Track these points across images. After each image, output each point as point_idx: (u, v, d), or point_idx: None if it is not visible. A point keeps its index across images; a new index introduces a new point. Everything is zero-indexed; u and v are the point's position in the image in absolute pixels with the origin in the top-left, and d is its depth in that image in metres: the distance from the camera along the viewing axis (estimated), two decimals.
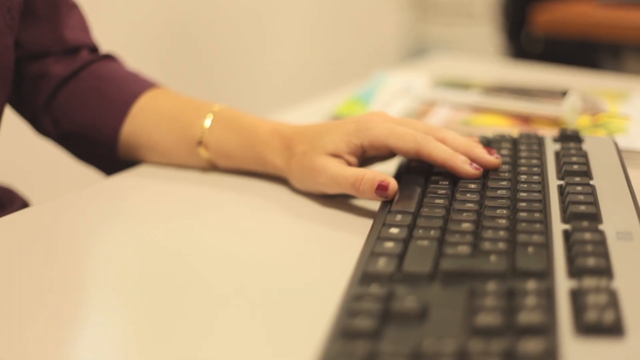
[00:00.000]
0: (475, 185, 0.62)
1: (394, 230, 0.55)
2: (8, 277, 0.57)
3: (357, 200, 0.69)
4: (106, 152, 0.79)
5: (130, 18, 1.90)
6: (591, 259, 0.48)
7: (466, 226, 0.55)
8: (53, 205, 0.71)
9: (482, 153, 0.65)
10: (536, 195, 0.59)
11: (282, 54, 2.41)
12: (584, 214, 0.55)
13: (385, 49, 2.92)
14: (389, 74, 1.07)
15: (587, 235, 0.51)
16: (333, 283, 0.53)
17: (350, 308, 0.44)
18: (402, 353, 0.39)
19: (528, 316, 0.42)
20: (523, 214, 0.56)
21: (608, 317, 0.41)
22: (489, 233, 0.53)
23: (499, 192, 0.60)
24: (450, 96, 0.95)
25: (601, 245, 0.50)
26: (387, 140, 0.65)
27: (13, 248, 0.63)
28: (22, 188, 0.87)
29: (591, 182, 0.62)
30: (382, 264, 0.50)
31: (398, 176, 0.67)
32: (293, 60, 2.45)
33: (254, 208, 0.69)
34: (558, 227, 0.54)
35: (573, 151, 0.68)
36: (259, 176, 0.74)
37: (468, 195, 0.61)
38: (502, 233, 0.53)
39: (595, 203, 0.57)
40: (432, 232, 0.54)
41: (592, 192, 0.59)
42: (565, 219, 0.56)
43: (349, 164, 0.67)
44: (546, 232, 0.53)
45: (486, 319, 0.42)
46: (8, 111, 0.80)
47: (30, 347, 0.48)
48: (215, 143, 0.74)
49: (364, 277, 0.49)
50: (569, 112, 0.88)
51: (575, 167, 0.64)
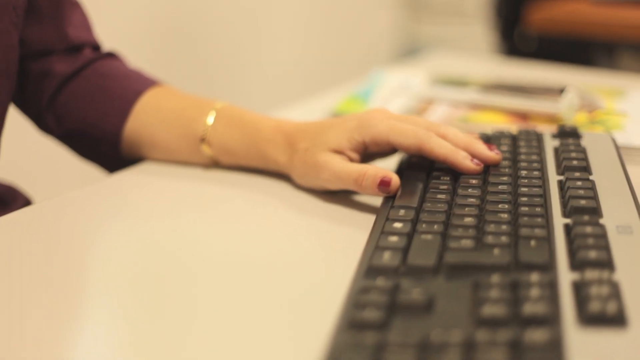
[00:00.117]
0: (476, 180, 0.63)
1: (398, 224, 0.56)
2: (11, 275, 0.57)
3: (359, 196, 0.69)
4: (109, 150, 0.79)
5: (124, 16, 1.90)
6: (593, 252, 0.49)
7: (469, 220, 0.55)
8: (56, 203, 0.71)
9: (483, 149, 0.66)
10: (537, 190, 0.60)
11: (276, 53, 2.41)
12: (585, 208, 0.56)
13: (377, 48, 2.92)
14: (387, 72, 1.08)
15: (588, 228, 0.52)
16: (336, 277, 0.54)
17: (357, 300, 0.45)
18: (410, 343, 0.40)
19: (533, 307, 0.42)
20: (524, 209, 0.57)
21: (611, 308, 0.42)
22: (492, 227, 0.54)
23: (500, 187, 0.61)
24: (448, 94, 0.96)
25: (602, 238, 0.51)
26: (389, 136, 0.66)
27: (16, 246, 0.63)
28: (25, 186, 0.87)
29: (591, 177, 0.62)
30: (388, 258, 0.50)
31: (399, 172, 0.67)
32: (286, 59, 2.45)
33: (257, 204, 0.70)
34: (559, 221, 0.55)
35: (572, 147, 0.69)
36: (262, 173, 0.75)
37: (469, 190, 0.61)
38: (505, 227, 0.54)
39: (595, 197, 0.58)
40: (436, 227, 0.55)
41: (592, 187, 0.60)
42: (565, 214, 0.56)
43: (351, 160, 0.67)
44: (547, 226, 0.54)
45: (492, 310, 0.42)
46: (11, 109, 0.80)
47: (32, 344, 0.48)
48: (218, 140, 0.74)
49: (370, 271, 0.50)
50: (567, 109, 0.88)
51: (574, 163, 0.65)
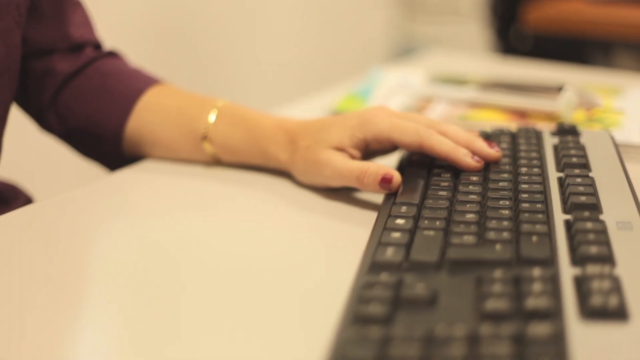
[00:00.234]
0: (477, 177, 0.64)
1: (400, 221, 0.56)
2: (12, 273, 0.58)
3: (361, 193, 0.70)
4: (110, 148, 0.80)
5: (119, 15, 1.90)
6: (594, 247, 0.49)
7: (470, 217, 0.56)
8: (57, 201, 0.71)
9: (483, 146, 0.67)
10: (537, 187, 0.61)
11: (271, 53, 2.41)
12: (585, 205, 0.56)
13: (373, 48, 2.92)
14: (386, 71, 1.08)
15: (589, 224, 0.53)
16: (339, 273, 0.54)
17: (362, 295, 0.45)
18: (415, 337, 0.41)
19: (535, 301, 0.43)
20: (525, 205, 0.57)
21: (612, 302, 0.43)
22: (493, 223, 0.54)
23: (501, 184, 0.62)
24: (447, 92, 0.96)
25: (603, 234, 0.51)
26: (391, 134, 0.66)
27: (17, 244, 0.63)
28: (26, 184, 0.88)
29: (590, 174, 0.63)
30: (391, 254, 0.51)
31: (400, 169, 0.68)
32: (282, 59, 2.45)
33: (259, 201, 0.70)
34: (560, 217, 0.56)
35: (571, 144, 0.70)
36: (263, 170, 0.75)
37: (470, 187, 0.62)
38: (506, 223, 0.54)
39: (595, 194, 0.58)
40: (438, 223, 0.55)
41: (592, 184, 0.60)
42: (566, 210, 0.57)
43: (353, 158, 0.68)
44: (548, 222, 0.55)
45: (495, 305, 0.43)
46: (12, 108, 0.81)
47: (33, 342, 0.48)
48: (220, 138, 0.75)
49: (373, 266, 0.50)
50: (565, 107, 0.89)
51: (574, 160, 0.66)
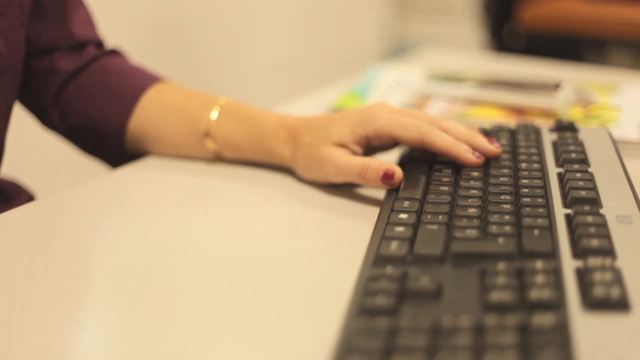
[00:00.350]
0: (477, 173, 0.65)
1: (403, 215, 0.57)
2: (15, 270, 0.58)
3: (362, 188, 0.70)
4: (113, 145, 0.80)
5: (115, 13, 1.91)
6: (595, 240, 0.50)
7: (472, 211, 0.57)
8: (59, 198, 0.72)
9: (484, 142, 0.67)
10: (537, 182, 0.62)
11: (264, 52, 2.42)
12: (585, 199, 0.57)
13: (366, 47, 2.92)
14: (384, 68, 1.09)
15: (589, 218, 0.53)
16: (341, 268, 0.55)
17: (367, 288, 0.46)
18: (422, 328, 0.41)
19: (539, 293, 0.44)
20: (526, 199, 0.58)
21: (615, 293, 0.43)
22: (495, 217, 0.55)
23: (501, 180, 0.63)
24: (445, 89, 0.97)
25: (603, 227, 0.52)
26: (392, 130, 0.67)
27: (19, 241, 0.63)
28: (28, 182, 0.88)
29: (589, 170, 0.64)
30: (395, 247, 0.52)
31: (401, 165, 0.68)
32: (274, 58, 2.46)
33: (261, 198, 0.71)
34: (560, 212, 0.56)
35: (570, 140, 0.70)
36: (265, 167, 0.76)
37: (471, 182, 0.63)
38: (508, 217, 0.55)
39: (594, 189, 0.59)
40: (440, 217, 0.56)
41: (591, 179, 0.61)
42: (566, 204, 0.58)
43: (354, 154, 0.69)
44: (549, 216, 0.55)
45: (500, 296, 0.44)
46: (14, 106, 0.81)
47: (35, 340, 0.48)
48: (222, 135, 0.75)
49: (378, 260, 0.51)
50: (562, 104, 0.90)
51: (573, 155, 0.66)
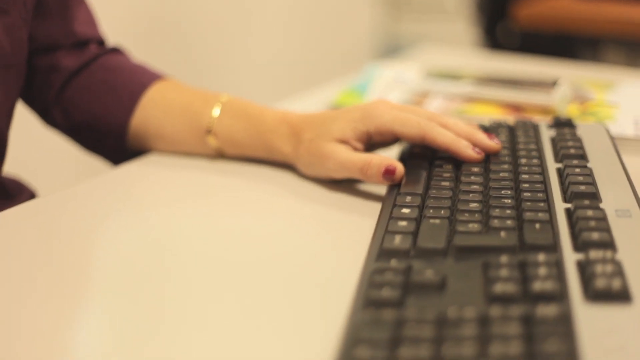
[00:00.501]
0: (478, 168, 0.65)
1: (406, 210, 0.58)
2: (16, 267, 0.58)
3: (364, 184, 0.71)
4: (115, 142, 0.81)
5: (112, 12, 1.91)
6: (595, 234, 0.51)
7: (474, 205, 0.58)
8: (61, 195, 0.72)
9: (484, 138, 0.68)
10: (537, 177, 0.62)
11: (258, 52, 2.42)
12: (585, 194, 0.58)
13: (359, 47, 2.92)
14: (382, 66, 1.09)
15: (589, 212, 0.54)
16: (344, 263, 0.56)
17: (373, 281, 0.47)
18: (428, 319, 0.42)
19: (542, 284, 0.45)
20: (527, 194, 0.59)
21: (616, 285, 0.44)
22: (497, 211, 0.56)
23: (502, 175, 0.63)
24: (443, 87, 0.98)
25: (603, 221, 0.53)
26: (393, 126, 0.68)
27: (21, 238, 0.64)
28: (30, 179, 0.88)
29: (588, 165, 0.65)
30: (399, 241, 0.52)
31: (402, 161, 0.69)
32: (268, 58, 2.46)
33: (263, 194, 0.71)
34: (560, 206, 0.57)
35: (568, 136, 0.71)
36: (267, 163, 0.76)
37: (472, 177, 0.63)
38: (509, 211, 0.56)
39: (594, 183, 0.60)
40: (442, 212, 0.57)
41: (590, 174, 0.62)
42: (566, 199, 0.59)
43: (356, 150, 0.69)
44: (550, 210, 0.56)
45: (503, 288, 0.45)
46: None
47: (36, 337, 0.49)
48: (224, 131, 0.76)
49: (382, 253, 0.52)
50: (560, 101, 0.91)
51: (571, 151, 0.67)
